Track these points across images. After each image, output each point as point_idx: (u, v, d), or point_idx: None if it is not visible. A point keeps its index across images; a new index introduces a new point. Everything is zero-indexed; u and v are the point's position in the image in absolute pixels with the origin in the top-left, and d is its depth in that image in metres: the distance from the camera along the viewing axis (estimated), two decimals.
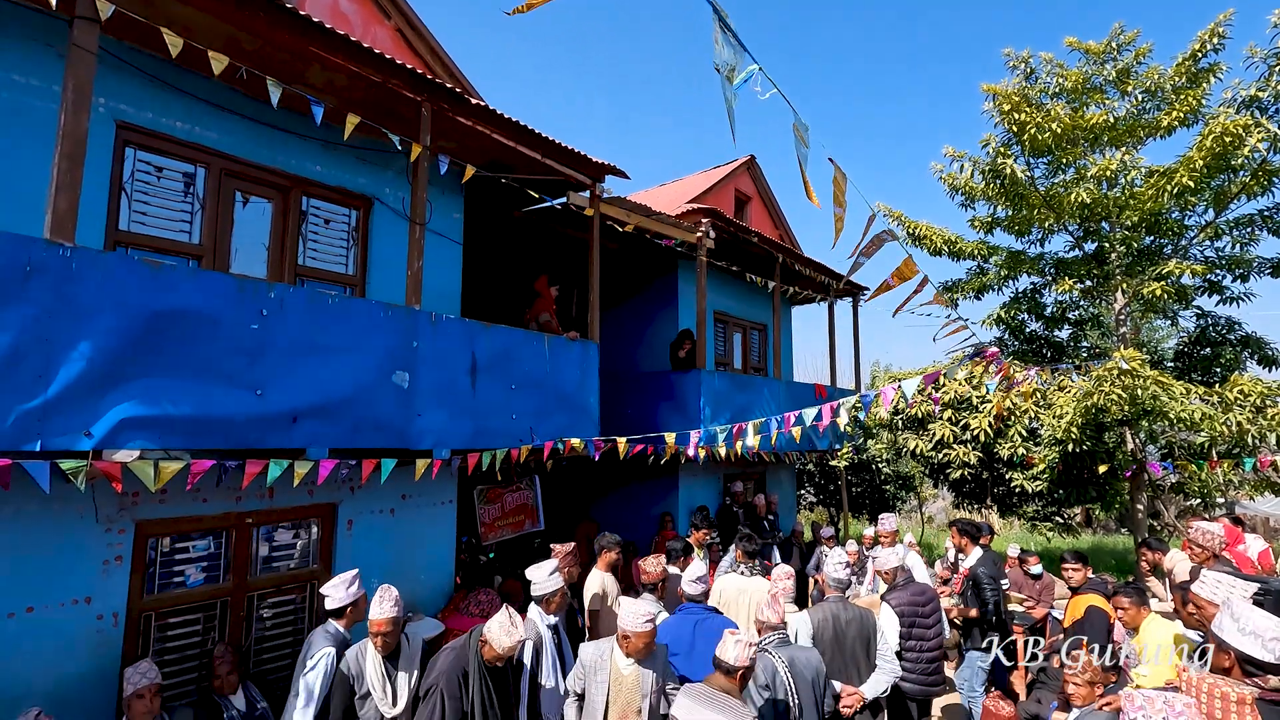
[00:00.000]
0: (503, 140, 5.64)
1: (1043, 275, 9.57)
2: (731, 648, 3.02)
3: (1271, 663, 2.62)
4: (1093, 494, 8.05)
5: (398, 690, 3.58)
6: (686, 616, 4.15)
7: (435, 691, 3.23)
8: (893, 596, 4.66)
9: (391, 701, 3.54)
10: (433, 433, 4.95)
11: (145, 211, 4.52)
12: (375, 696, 3.52)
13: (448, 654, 3.44)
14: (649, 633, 3.41)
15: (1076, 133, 8.17)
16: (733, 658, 2.99)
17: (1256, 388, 6.62)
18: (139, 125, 4.44)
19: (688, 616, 4.14)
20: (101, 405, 3.36)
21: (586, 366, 6.36)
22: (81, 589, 3.88)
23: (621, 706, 3.40)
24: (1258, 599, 3.75)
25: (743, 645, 3.03)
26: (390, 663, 3.62)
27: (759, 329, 11.35)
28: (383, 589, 3.68)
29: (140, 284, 3.52)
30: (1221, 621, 2.79)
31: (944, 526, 19.12)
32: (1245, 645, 2.66)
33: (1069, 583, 5.42)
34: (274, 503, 4.82)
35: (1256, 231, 8.36)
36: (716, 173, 13.19)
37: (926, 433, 8.62)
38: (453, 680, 3.25)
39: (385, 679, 3.56)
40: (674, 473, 8.83)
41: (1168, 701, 2.02)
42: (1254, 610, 2.74)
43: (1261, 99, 7.41)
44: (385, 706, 3.54)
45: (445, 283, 6.24)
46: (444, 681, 3.24)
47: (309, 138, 5.27)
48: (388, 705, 3.54)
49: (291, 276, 5.21)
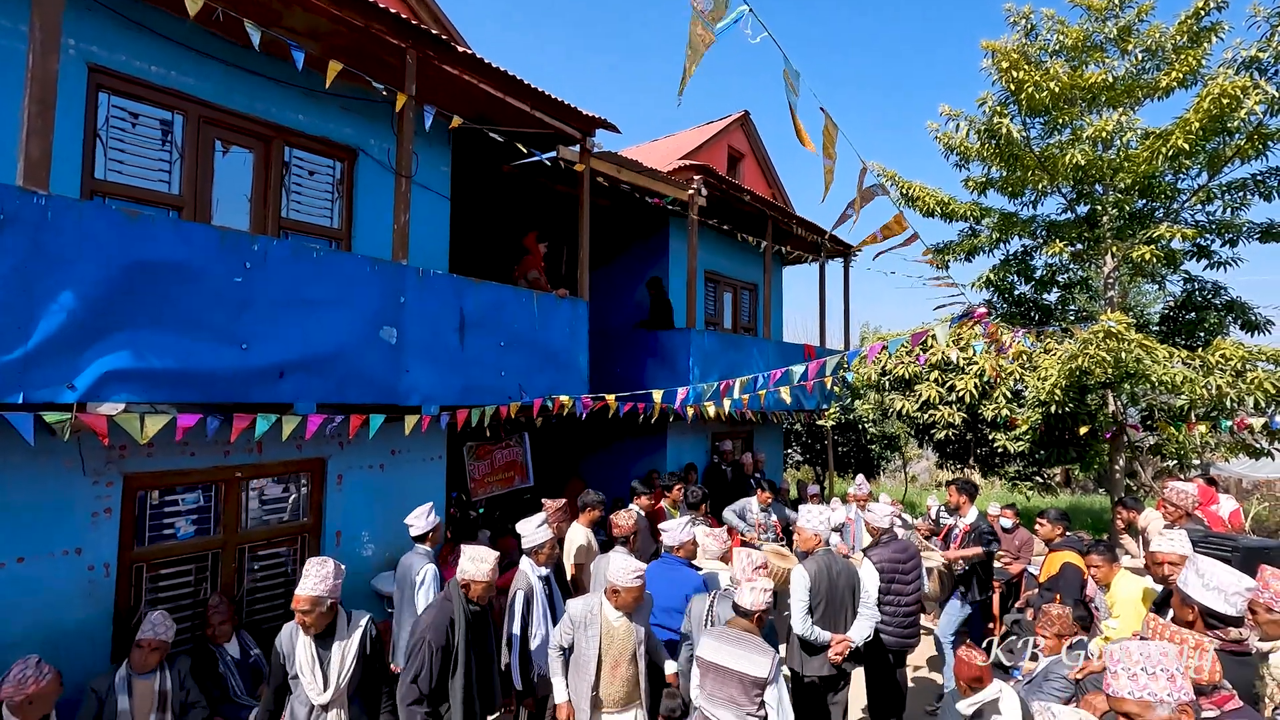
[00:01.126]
0: (490, 91, 5.49)
1: (1034, 238, 9.55)
2: (748, 594, 3.32)
3: (1233, 615, 2.71)
4: (1073, 454, 8.20)
5: (329, 674, 3.16)
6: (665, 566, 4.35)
7: (423, 646, 3.25)
8: (875, 553, 4.77)
9: (321, 686, 3.14)
10: (421, 389, 4.94)
11: (122, 160, 4.40)
12: (303, 681, 3.14)
13: (432, 609, 3.46)
14: (639, 588, 3.50)
15: (1075, 92, 8.05)
16: (749, 603, 3.30)
17: (1238, 352, 6.70)
18: (112, 69, 4.28)
19: (665, 566, 4.36)
20: (84, 358, 3.32)
21: (576, 324, 6.34)
22: (71, 540, 3.90)
23: (614, 657, 3.50)
24: (1225, 555, 3.87)
25: (759, 591, 3.32)
26: (322, 644, 3.20)
27: (750, 289, 11.32)
28: (312, 563, 3.23)
29: (119, 234, 3.45)
30: (1186, 577, 2.88)
31: (927, 486, 19.50)
32: (1209, 600, 2.75)
33: (1041, 538, 5.61)
34: (263, 457, 4.83)
35: (1248, 196, 8.35)
36: (709, 129, 12.96)
37: (913, 394, 8.71)
38: (440, 631, 3.30)
39: (315, 661, 3.15)
40: (662, 431, 8.91)
41: (1145, 652, 2.08)
42: (1217, 565, 2.83)
43: (1262, 60, 7.31)
44: (314, 692, 3.14)
45: (433, 238, 6.15)
46: (431, 634, 3.27)
47: (290, 85, 5.11)
48: (317, 690, 3.13)
49: (275, 229, 5.12)
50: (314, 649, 3.17)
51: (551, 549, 4.29)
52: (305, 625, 3.12)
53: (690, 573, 4.25)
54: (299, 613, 3.12)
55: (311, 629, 3.14)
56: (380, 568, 5.50)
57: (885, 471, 18.08)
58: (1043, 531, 5.55)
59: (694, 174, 8.13)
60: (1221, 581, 2.75)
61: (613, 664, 3.50)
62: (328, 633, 3.21)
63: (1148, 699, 1.99)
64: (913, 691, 5.70)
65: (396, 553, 5.63)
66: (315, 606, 3.11)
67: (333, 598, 3.19)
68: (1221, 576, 2.77)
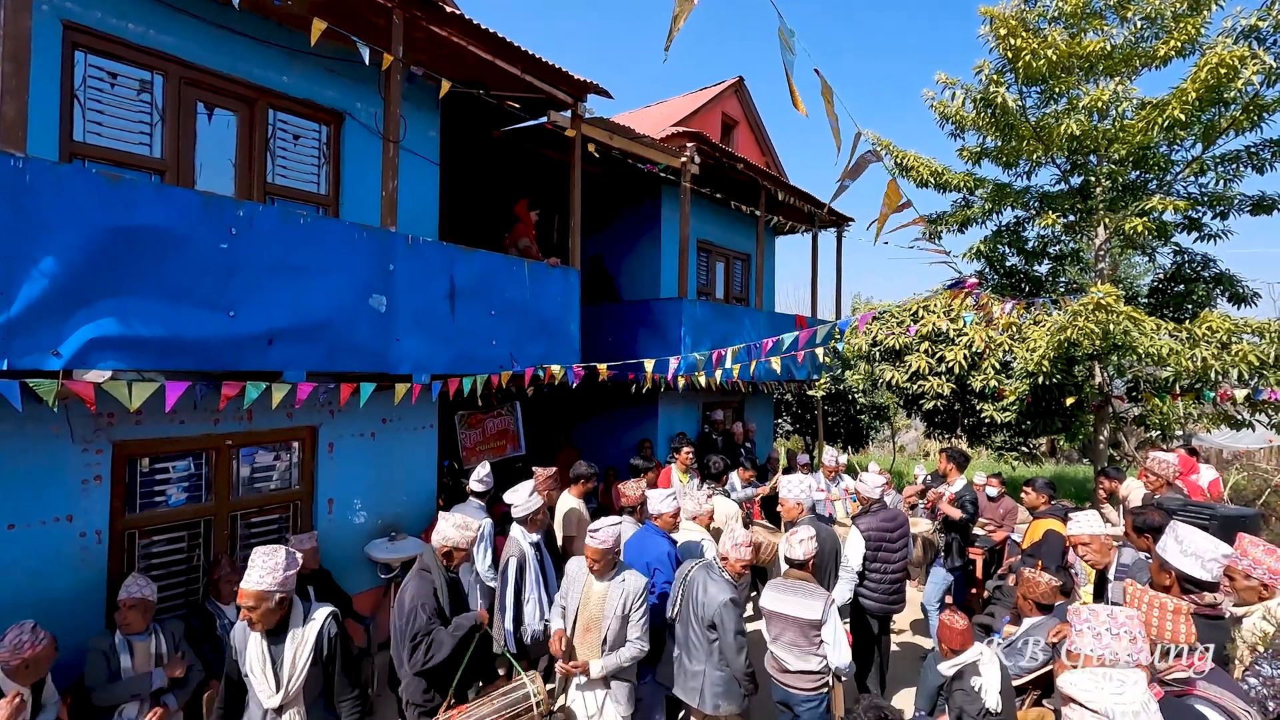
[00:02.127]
0: (480, 53, 5.37)
1: (1027, 209, 9.52)
2: (796, 546, 3.69)
3: (1209, 581, 2.80)
4: (1059, 425, 8.30)
5: (280, 675, 2.83)
6: (641, 533, 4.36)
7: (414, 615, 3.28)
8: (862, 521, 4.85)
9: (273, 687, 2.82)
10: (412, 357, 4.93)
11: (101, 122, 4.29)
12: (254, 682, 2.85)
13: (412, 581, 3.41)
14: (599, 550, 3.47)
15: (1072, 60, 7.95)
16: (800, 554, 3.68)
17: (1224, 324, 6.76)
18: (87, 26, 4.15)
19: (641, 533, 4.35)
20: (68, 324, 3.29)
21: (568, 293, 6.31)
22: (62, 507, 3.90)
23: (586, 620, 3.53)
24: (1203, 523, 3.96)
25: (806, 542, 3.69)
26: (273, 641, 2.87)
27: (742, 259, 11.27)
28: (259, 553, 2.87)
29: (100, 199, 3.38)
30: (1165, 544, 2.96)
31: (915, 455, 19.74)
32: (1186, 565, 2.82)
33: (1025, 505, 5.72)
34: (253, 425, 4.82)
35: (1241, 168, 8.33)
36: (703, 95, 12.76)
37: (903, 364, 8.75)
38: (430, 600, 3.33)
39: (265, 660, 2.84)
40: (654, 400, 8.94)
41: (1111, 614, 2.17)
42: (1195, 533, 2.90)
43: (1261, 29, 7.23)
44: (265, 694, 2.83)
45: (422, 205, 6.07)
46: (420, 604, 3.29)
47: (274, 45, 4.98)
48: (268, 692, 2.82)
49: (261, 194, 5.03)
50: (264, 646, 2.86)
51: (543, 515, 4.35)
52: (251, 622, 2.81)
53: (659, 541, 4.16)
54: (244, 609, 2.79)
55: (259, 625, 2.81)
56: (373, 535, 5.54)
57: (874, 441, 18.28)
58: (1028, 499, 5.65)
59: (687, 141, 8.02)
60: (1199, 548, 2.82)
61: (584, 627, 3.53)
62: (279, 629, 2.88)
63: (1107, 657, 2.08)
64: (897, 655, 5.85)
65: (389, 520, 5.68)
66: (261, 602, 2.78)
67: (283, 591, 2.85)
68: (1199, 543, 2.84)
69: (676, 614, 3.70)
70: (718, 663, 3.50)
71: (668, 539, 4.18)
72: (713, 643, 3.50)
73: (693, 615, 3.58)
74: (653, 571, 3.97)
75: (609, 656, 3.45)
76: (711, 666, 3.51)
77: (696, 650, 3.56)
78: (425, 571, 3.46)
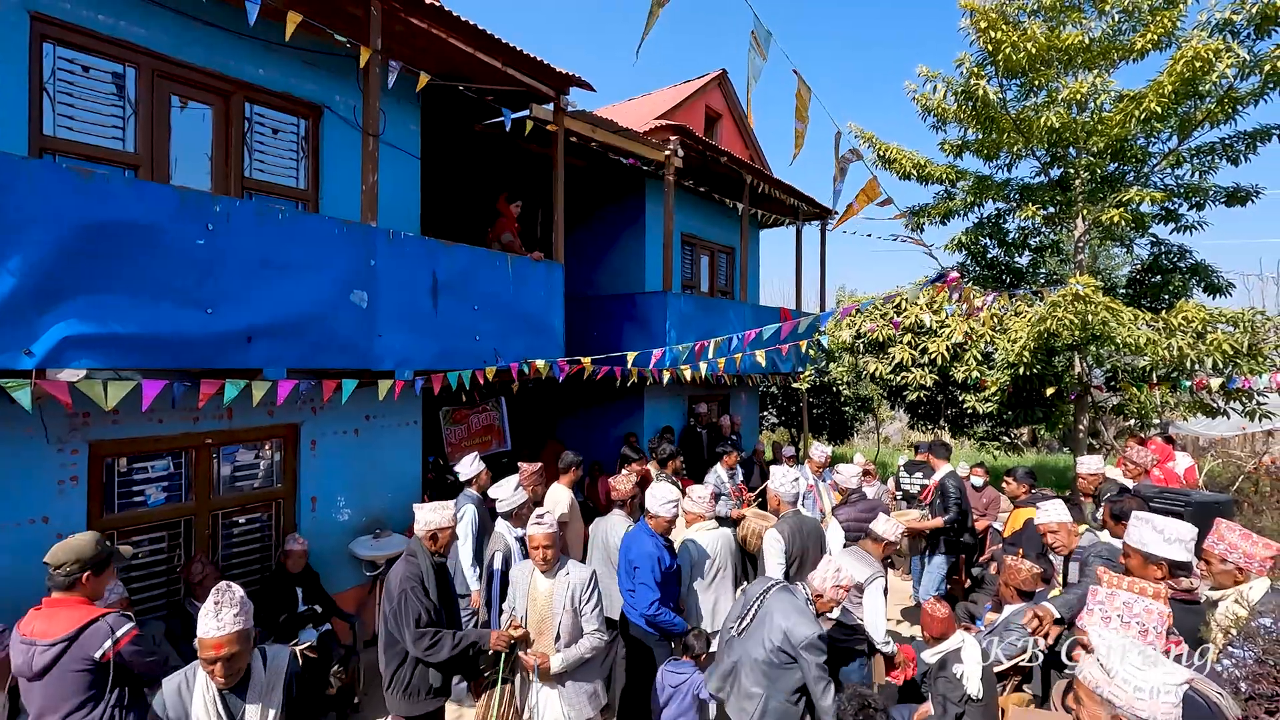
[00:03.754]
0: (460, 46, 5.32)
1: (1008, 201, 9.61)
2: (884, 524, 4.08)
3: (1188, 563, 2.85)
4: (1039, 415, 8.41)
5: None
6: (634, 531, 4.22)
7: (405, 596, 3.22)
8: (841, 512, 4.90)
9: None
10: (395, 353, 4.89)
11: (72, 116, 4.20)
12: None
13: (399, 567, 3.35)
14: (548, 535, 3.36)
15: (1051, 53, 8.03)
16: (881, 530, 4.07)
17: (1199, 314, 6.87)
18: (55, 17, 4.05)
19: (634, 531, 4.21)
20: (41, 322, 3.23)
21: (551, 287, 6.29)
22: (37, 509, 3.84)
23: (536, 622, 3.42)
24: (1178, 510, 4.04)
25: (893, 524, 4.07)
26: (234, 698, 2.41)
27: (727, 252, 11.29)
28: (221, 590, 2.40)
29: (72, 194, 3.32)
30: (1143, 537, 2.99)
31: (899, 446, 19.92)
32: (1173, 553, 2.87)
33: (1007, 494, 5.80)
34: (233, 423, 4.77)
35: (1216, 160, 8.46)
36: (686, 88, 12.73)
37: (886, 356, 8.82)
38: (418, 586, 3.29)
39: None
40: (639, 394, 8.94)
41: (1128, 603, 2.15)
42: (1168, 520, 2.96)
43: (1235, 23, 7.34)
44: None
45: (403, 199, 6.01)
46: (409, 586, 3.25)
47: (249, 37, 4.89)
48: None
49: (238, 189, 4.96)
50: (219, 705, 2.36)
51: (529, 510, 4.34)
52: (214, 675, 2.34)
53: (645, 541, 3.99)
54: (220, 662, 2.31)
55: (227, 679, 2.36)
56: (357, 532, 5.50)
57: (859, 433, 18.40)
58: (1009, 489, 5.73)
59: (670, 134, 8.00)
60: (1179, 533, 2.88)
61: (537, 630, 3.42)
62: (242, 681, 2.43)
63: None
64: None
65: (373, 517, 5.65)
66: (240, 644, 2.35)
67: (251, 632, 2.42)
68: (1177, 528, 2.90)
69: (742, 629, 3.43)
70: (780, 693, 3.22)
71: (655, 539, 4.03)
72: (778, 668, 3.23)
73: (765, 638, 3.27)
74: (634, 570, 3.89)
75: (569, 650, 3.37)
76: (775, 693, 3.22)
77: (755, 674, 3.28)
78: (412, 557, 3.41)
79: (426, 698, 3.34)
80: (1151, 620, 2.10)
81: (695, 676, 3.71)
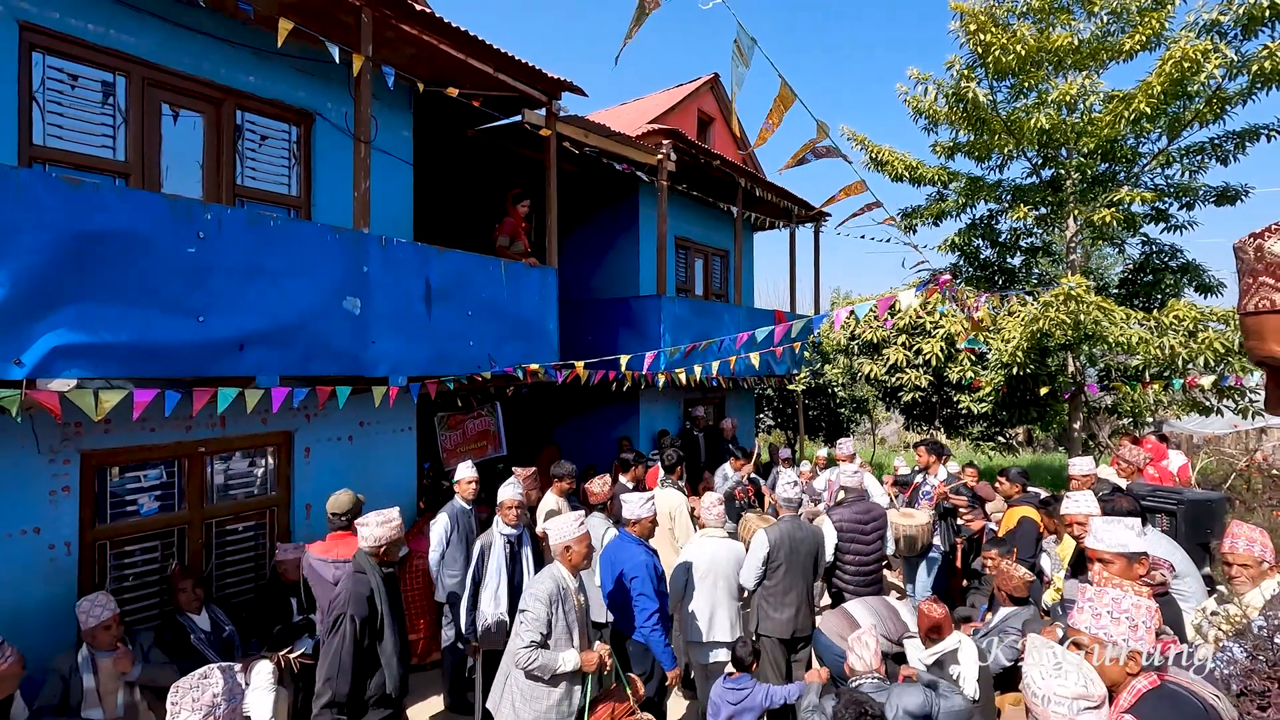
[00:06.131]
0: (452, 52, 5.32)
1: (1000, 202, 9.65)
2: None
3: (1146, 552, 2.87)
4: (1034, 415, 8.45)
5: None
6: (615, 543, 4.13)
7: (344, 620, 3.17)
8: (835, 512, 4.90)
9: None
10: (388, 360, 4.88)
11: (62, 125, 4.19)
12: None
13: (347, 584, 3.31)
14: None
15: (1041, 55, 8.07)
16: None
17: (1190, 313, 6.91)
18: (45, 27, 4.04)
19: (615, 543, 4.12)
20: (31, 332, 3.21)
21: (545, 292, 6.29)
22: (29, 519, 3.81)
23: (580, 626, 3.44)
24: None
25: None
26: None
27: (721, 255, 11.30)
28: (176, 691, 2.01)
29: (62, 203, 3.31)
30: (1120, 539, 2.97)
31: (895, 447, 19.94)
32: (1162, 549, 2.89)
33: (1000, 494, 5.82)
34: (226, 431, 4.75)
35: (1206, 160, 8.51)
36: (678, 92, 12.77)
37: (881, 357, 8.85)
38: (361, 603, 3.23)
39: None
40: (635, 398, 8.94)
41: (1116, 598, 2.16)
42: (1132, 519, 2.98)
43: (1222, 23, 7.39)
44: None
45: (395, 205, 6.01)
46: (353, 607, 3.20)
47: (240, 45, 4.89)
48: None
49: (230, 197, 4.95)
50: None
51: (521, 509, 4.36)
52: None
53: (634, 551, 3.90)
54: None
55: None
56: None
57: (855, 434, 18.42)
58: (1002, 489, 5.74)
59: (663, 138, 8.02)
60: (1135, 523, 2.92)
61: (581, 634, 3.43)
62: None
63: (1102, 637, 2.09)
64: None
65: None
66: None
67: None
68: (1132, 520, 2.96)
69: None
70: None
71: (644, 547, 3.95)
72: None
73: None
74: (631, 581, 3.82)
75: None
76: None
77: None
78: (360, 574, 3.36)
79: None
80: (1141, 615, 2.11)
81: (758, 690, 3.58)
